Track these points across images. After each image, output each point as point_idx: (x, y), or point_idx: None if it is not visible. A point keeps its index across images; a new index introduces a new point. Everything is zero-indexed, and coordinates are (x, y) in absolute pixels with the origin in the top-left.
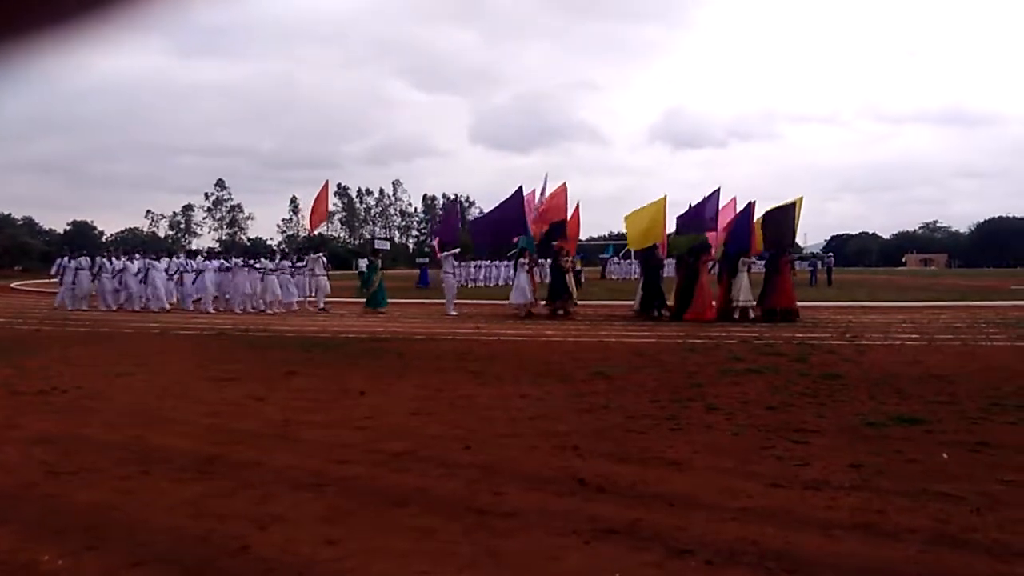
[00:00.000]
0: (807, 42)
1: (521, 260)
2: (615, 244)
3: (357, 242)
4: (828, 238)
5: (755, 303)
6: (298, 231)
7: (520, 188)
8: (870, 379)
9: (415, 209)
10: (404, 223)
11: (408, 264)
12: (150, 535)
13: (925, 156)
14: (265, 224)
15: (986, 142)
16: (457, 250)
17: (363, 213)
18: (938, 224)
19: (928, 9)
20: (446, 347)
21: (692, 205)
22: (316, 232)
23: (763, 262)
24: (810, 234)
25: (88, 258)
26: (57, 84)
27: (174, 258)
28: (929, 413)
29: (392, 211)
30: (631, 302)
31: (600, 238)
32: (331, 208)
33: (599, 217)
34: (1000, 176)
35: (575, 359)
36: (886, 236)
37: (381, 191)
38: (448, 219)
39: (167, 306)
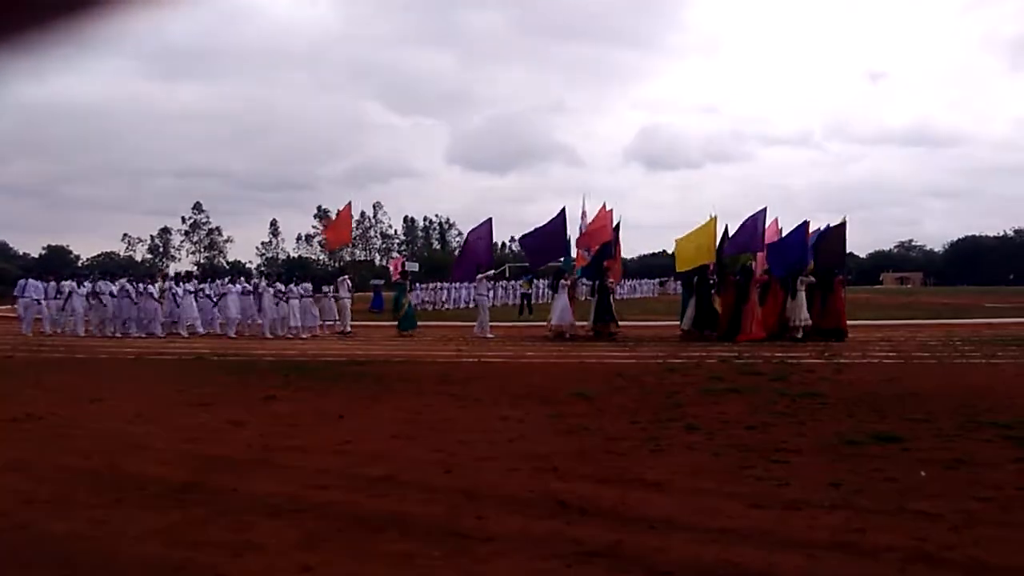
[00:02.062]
0: (775, 65)
1: (562, 282)
2: (583, 266)
3: (337, 264)
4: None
5: (810, 322)
6: (277, 254)
7: (563, 209)
8: (848, 398)
9: (395, 231)
10: (384, 245)
11: (387, 287)
12: (123, 565)
13: (895, 177)
14: (244, 247)
15: (952, 163)
16: (492, 272)
17: None
18: (913, 243)
19: (886, 33)
20: (426, 370)
21: (742, 224)
22: (334, 250)
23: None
24: None
25: (107, 281)
26: (29, 106)
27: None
28: (906, 431)
29: (372, 233)
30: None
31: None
32: (311, 231)
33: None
34: (968, 196)
35: (555, 380)
36: (862, 255)
37: (363, 214)
38: (481, 241)
39: (182, 331)
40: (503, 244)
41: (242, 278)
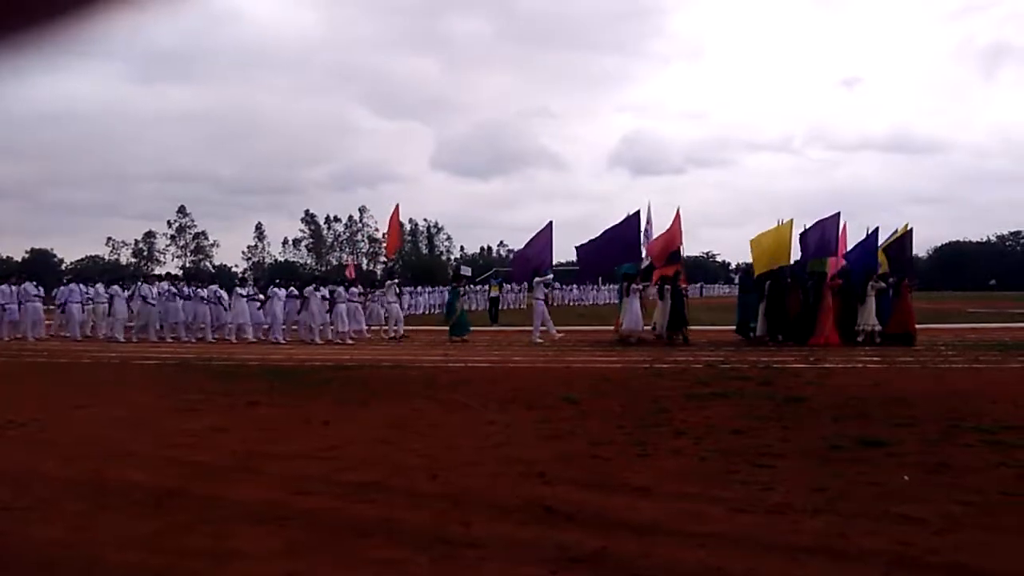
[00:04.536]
0: (757, 71)
1: (634, 286)
2: (555, 271)
3: (324, 268)
4: (791, 263)
5: (880, 327)
6: (263, 258)
7: (637, 212)
8: (833, 402)
9: (382, 235)
10: (371, 249)
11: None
12: (105, 572)
13: (876, 183)
14: (230, 251)
15: (932, 169)
16: (550, 276)
17: (330, 239)
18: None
19: (859, 39)
20: (412, 374)
21: (807, 228)
22: (392, 255)
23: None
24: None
25: (149, 285)
26: (11, 108)
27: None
28: (890, 436)
29: (359, 237)
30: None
31: (570, 263)
32: (297, 235)
33: (560, 242)
34: (949, 202)
35: (542, 385)
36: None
37: (350, 218)
38: (541, 243)
39: (250, 336)
40: (489, 248)
41: (293, 282)
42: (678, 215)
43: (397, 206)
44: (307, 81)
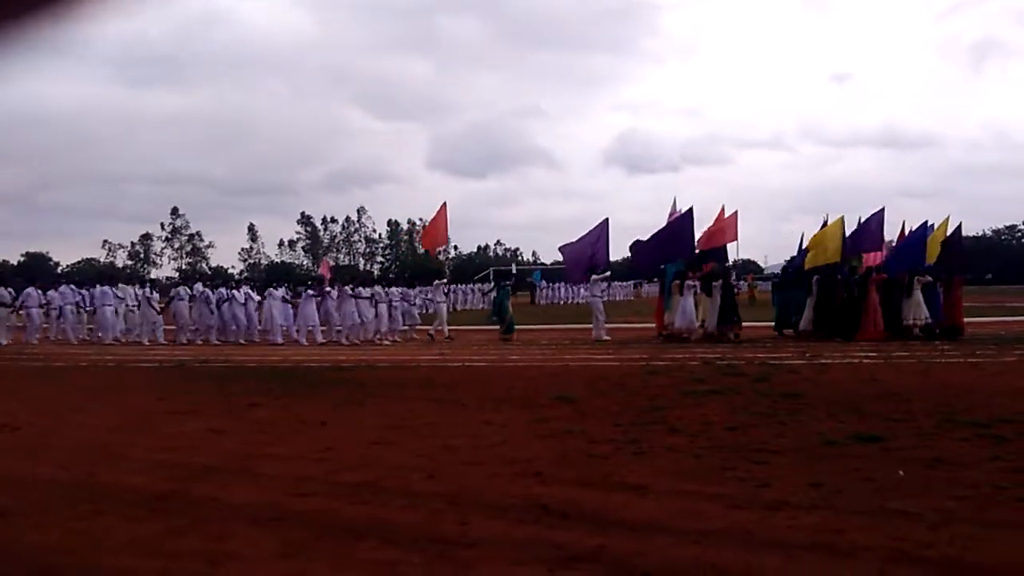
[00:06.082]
0: (749, 68)
1: (688, 282)
2: (542, 269)
3: (316, 269)
4: (788, 259)
5: (931, 319)
6: (259, 259)
7: (690, 209)
8: (829, 398)
9: (379, 235)
10: (369, 250)
11: None
12: None
13: (869, 178)
14: (226, 252)
15: (924, 164)
16: (608, 273)
17: (327, 240)
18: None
19: (852, 36)
20: (409, 375)
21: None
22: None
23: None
24: (770, 256)
25: (186, 287)
26: (1, 112)
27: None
28: (886, 431)
29: (356, 238)
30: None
31: (556, 263)
32: (294, 237)
33: (556, 240)
34: (941, 196)
35: (538, 384)
36: None
37: (348, 219)
38: (598, 241)
39: (280, 339)
40: (487, 246)
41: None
42: (730, 214)
43: (444, 204)
44: (300, 82)
